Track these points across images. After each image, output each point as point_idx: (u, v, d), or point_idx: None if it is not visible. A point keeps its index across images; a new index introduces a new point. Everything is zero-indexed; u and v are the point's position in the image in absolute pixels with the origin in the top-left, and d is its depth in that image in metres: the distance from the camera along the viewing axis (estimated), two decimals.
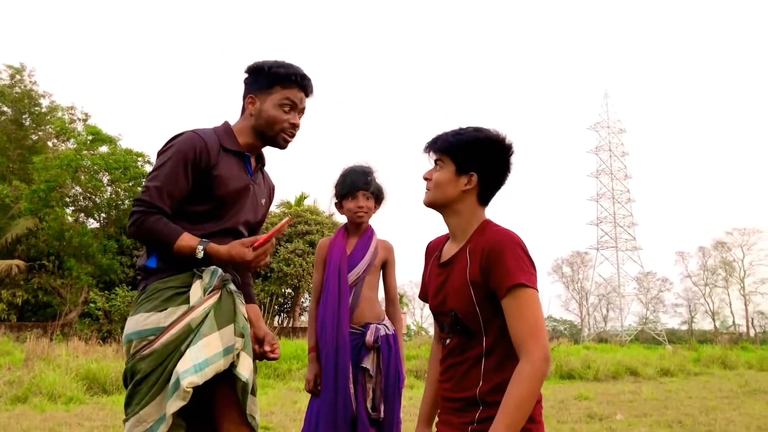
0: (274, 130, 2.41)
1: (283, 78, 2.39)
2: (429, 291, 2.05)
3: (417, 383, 10.98)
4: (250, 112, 2.42)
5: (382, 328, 3.03)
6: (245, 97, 2.45)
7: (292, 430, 5.98)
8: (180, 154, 2.24)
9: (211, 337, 2.14)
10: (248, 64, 2.47)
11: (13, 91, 27.32)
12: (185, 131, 2.33)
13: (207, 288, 2.22)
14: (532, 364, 1.68)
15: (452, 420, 1.89)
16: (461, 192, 1.92)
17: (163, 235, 2.18)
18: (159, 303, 2.18)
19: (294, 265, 24.23)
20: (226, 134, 2.40)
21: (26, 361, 10.08)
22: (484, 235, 1.87)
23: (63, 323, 20.53)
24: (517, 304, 1.74)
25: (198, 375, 2.06)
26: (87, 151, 23.78)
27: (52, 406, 7.54)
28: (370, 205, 3.14)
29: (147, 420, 2.10)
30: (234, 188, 2.35)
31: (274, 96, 2.39)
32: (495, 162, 1.93)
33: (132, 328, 2.19)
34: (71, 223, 23.44)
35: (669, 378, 13.48)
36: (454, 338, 1.91)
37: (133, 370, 2.15)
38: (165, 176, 2.23)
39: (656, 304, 61.24)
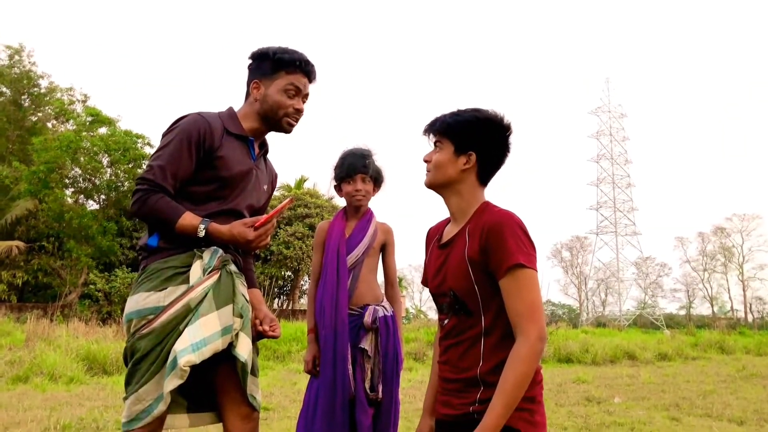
0: (279, 115, 2.43)
1: (288, 63, 2.41)
2: (429, 273, 2.06)
3: (416, 366, 11.04)
4: (255, 98, 2.43)
5: (380, 309, 3.04)
6: (250, 83, 2.46)
7: (292, 411, 6.02)
8: (184, 135, 2.26)
9: (210, 317, 2.16)
10: (253, 50, 2.47)
11: (12, 72, 27.23)
12: (190, 113, 2.34)
13: (207, 268, 2.23)
14: (528, 343, 1.71)
15: (452, 401, 1.89)
16: (460, 171, 1.94)
17: (166, 213, 2.19)
18: (159, 282, 2.19)
19: (293, 248, 24.26)
20: (230, 118, 2.42)
21: (27, 341, 10.13)
22: (484, 215, 1.88)
23: (63, 304, 20.60)
24: (515, 283, 1.75)
25: (195, 354, 2.08)
26: (86, 132, 23.72)
27: (53, 386, 7.59)
28: (369, 188, 3.13)
29: (146, 398, 2.12)
30: (237, 171, 2.36)
31: (279, 81, 2.41)
32: (493, 141, 1.94)
33: (132, 308, 2.20)
34: (71, 205, 23.43)
35: (667, 362, 13.56)
36: (452, 318, 1.92)
37: (133, 349, 2.17)
38: (169, 156, 2.24)
39: (655, 289, 61.36)
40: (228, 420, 2.29)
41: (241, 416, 2.29)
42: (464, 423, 1.84)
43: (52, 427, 5.07)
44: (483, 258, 1.81)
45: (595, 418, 6.16)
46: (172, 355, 2.08)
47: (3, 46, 27.48)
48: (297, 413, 3.75)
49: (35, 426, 5.11)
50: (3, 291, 22.18)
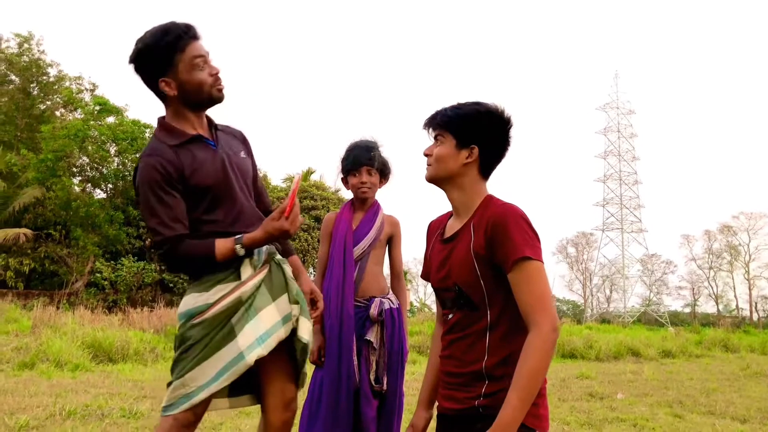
0: (205, 91, 2.30)
1: (176, 42, 2.24)
2: (431, 267, 2.05)
3: (419, 358, 11.06)
4: (173, 94, 2.28)
5: (386, 301, 3.05)
6: (155, 86, 2.30)
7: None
8: (153, 184, 2.20)
9: (268, 309, 2.25)
10: (130, 56, 2.29)
11: (21, 60, 27.28)
12: (138, 163, 2.28)
13: (256, 264, 2.30)
14: (541, 334, 1.70)
15: (456, 395, 1.89)
16: (462, 165, 1.93)
17: (200, 255, 2.21)
18: (209, 285, 2.25)
19: (299, 240, 24.30)
20: (167, 133, 2.31)
21: (33, 328, 10.20)
22: (489, 209, 1.88)
23: (69, 292, 20.70)
24: (523, 276, 1.75)
25: (262, 347, 2.19)
26: (94, 121, 23.76)
27: (59, 372, 7.64)
28: (374, 180, 3.14)
29: (190, 384, 2.17)
30: (212, 171, 2.30)
31: (181, 65, 2.25)
32: (495, 135, 1.93)
33: (182, 308, 2.28)
34: (78, 193, 23.50)
35: (670, 359, 13.55)
36: (456, 313, 1.92)
37: (183, 338, 2.23)
38: (157, 210, 2.21)
39: (660, 286, 61.16)
40: (269, 407, 2.36)
41: (283, 403, 2.36)
42: (468, 417, 1.84)
43: (58, 414, 5.11)
44: (489, 252, 1.81)
45: (597, 414, 6.17)
46: (235, 352, 2.16)
47: (12, 34, 27.57)
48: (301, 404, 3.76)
49: (41, 412, 5.14)
50: (10, 278, 22.28)
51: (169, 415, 2.17)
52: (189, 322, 2.22)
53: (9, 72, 27.58)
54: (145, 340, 10.14)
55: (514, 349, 1.77)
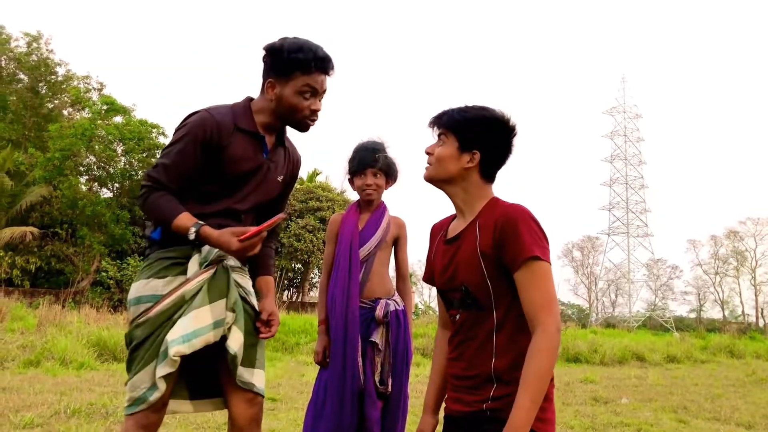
0: (296, 117, 2.36)
1: (303, 64, 2.29)
2: (436, 269, 2.04)
3: (424, 361, 11.05)
4: (270, 97, 2.35)
5: (392, 303, 3.05)
6: (265, 78, 2.38)
7: (299, 402, 6.05)
8: (191, 134, 2.24)
9: (202, 310, 2.20)
10: (267, 43, 2.36)
11: (30, 59, 27.41)
12: (200, 110, 2.30)
13: (203, 262, 2.26)
14: (547, 336, 1.69)
15: (464, 398, 1.88)
16: (463, 169, 1.91)
17: (164, 212, 2.22)
18: (158, 270, 2.25)
19: (304, 241, 24.33)
20: (243, 113, 2.36)
21: (39, 326, 10.22)
22: (496, 209, 1.87)
23: (75, 291, 20.77)
24: (530, 276, 1.74)
25: (186, 345, 2.13)
26: (101, 120, 23.87)
27: (64, 370, 7.66)
28: (380, 182, 3.13)
29: (140, 386, 2.17)
30: (245, 168, 2.34)
31: (295, 82, 2.30)
32: (498, 141, 1.92)
33: (132, 294, 2.27)
34: (85, 192, 23.59)
35: (675, 364, 13.50)
36: (463, 314, 1.91)
37: (131, 337, 2.23)
38: (175, 154, 2.25)
39: (665, 291, 61.00)
40: (233, 404, 2.32)
41: (245, 399, 2.32)
42: (476, 419, 1.83)
43: (63, 411, 5.12)
44: (496, 252, 1.80)
45: (601, 418, 6.16)
46: (164, 345, 2.14)
47: (22, 33, 27.69)
48: (305, 404, 3.77)
49: (46, 409, 5.16)
50: (16, 276, 22.37)
51: (129, 415, 2.17)
52: (134, 322, 2.21)
53: (18, 71, 27.71)
54: None
55: (521, 350, 1.76)
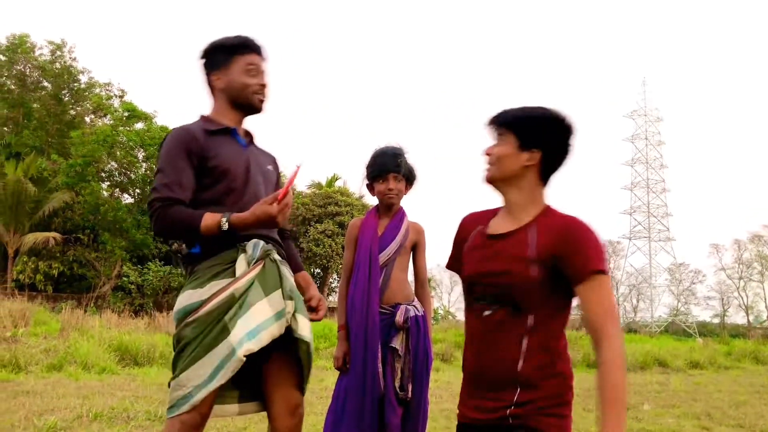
0: (248, 95, 2.46)
1: (239, 47, 2.47)
2: (469, 261, 1.98)
3: (443, 366, 11.03)
4: (220, 89, 2.48)
5: (411, 308, 3.04)
6: (209, 79, 2.51)
7: (319, 407, 6.05)
8: (173, 148, 2.30)
9: (260, 304, 2.20)
10: (201, 49, 2.53)
11: (54, 67, 27.82)
12: (167, 133, 2.41)
13: (251, 260, 2.25)
14: (615, 348, 1.69)
15: (485, 404, 1.83)
16: (522, 167, 1.88)
17: (186, 222, 2.21)
18: (204, 280, 2.23)
19: (323, 246, 24.39)
20: (205, 121, 2.45)
21: (62, 331, 10.33)
22: (554, 218, 1.85)
23: (97, 295, 20.99)
24: (597, 289, 1.74)
25: (253, 342, 2.13)
26: (123, 127, 24.15)
27: (86, 375, 7.74)
28: (401, 187, 3.12)
29: (186, 384, 2.14)
30: (234, 162, 2.37)
31: (235, 66, 2.46)
32: (558, 141, 1.90)
33: (177, 306, 2.27)
34: (106, 198, 23.86)
35: (698, 370, 13.32)
36: (498, 311, 1.85)
37: (179, 338, 2.23)
38: (166, 171, 2.27)
39: (688, 296, 60.26)
40: (275, 415, 2.32)
41: (289, 410, 2.32)
42: (496, 428, 1.80)
43: (85, 415, 5.17)
44: (554, 259, 1.78)
45: None
46: (228, 349, 2.12)
47: (46, 42, 28.13)
48: (324, 410, 3.77)
49: (68, 413, 5.22)
50: (39, 281, 22.68)
51: (174, 417, 2.15)
52: (183, 322, 2.21)
53: (42, 78, 28.14)
54: (170, 344, 10.16)
55: (550, 355, 1.76)
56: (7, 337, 9.14)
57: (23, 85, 27.85)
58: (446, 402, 6.95)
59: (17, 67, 27.65)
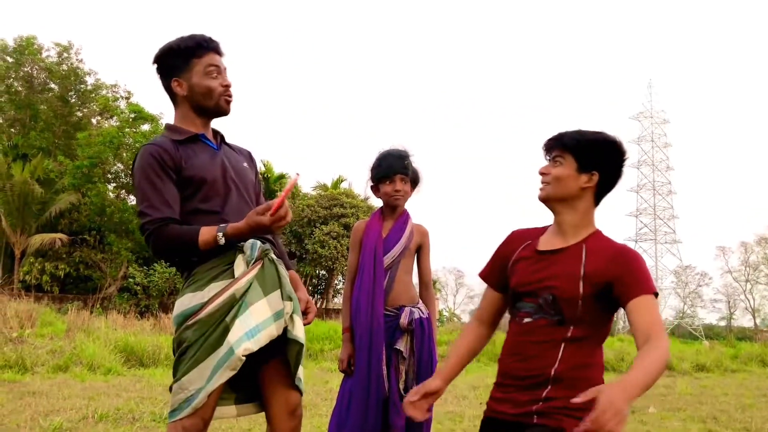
0: (213, 99, 2.39)
1: (196, 48, 2.37)
2: (518, 273, 2.04)
3: None
4: (182, 95, 2.39)
5: (416, 311, 3.04)
6: (169, 85, 2.42)
7: (323, 409, 6.05)
8: (146, 167, 2.25)
9: (259, 304, 2.19)
10: (154, 54, 2.43)
11: (61, 69, 27.93)
12: (138, 153, 2.35)
13: (249, 260, 2.25)
14: (663, 346, 1.73)
15: (516, 397, 1.92)
16: (581, 189, 1.99)
17: (182, 240, 2.19)
18: (203, 283, 2.22)
19: (328, 248, 24.39)
20: (172, 131, 2.39)
21: (67, 331, 10.37)
22: (605, 242, 1.97)
23: (103, 297, 21.06)
24: (648, 307, 1.81)
25: (252, 341, 2.12)
26: (129, 128, 24.22)
27: (92, 376, 7.76)
28: (407, 188, 3.13)
29: (188, 387, 2.14)
30: (209, 167, 2.34)
31: (196, 68, 2.37)
32: (615, 164, 2.01)
33: (177, 310, 2.25)
34: (113, 199, 23.95)
35: (705, 373, 13.27)
36: (540, 320, 1.94)
37: (180, 340, 2.22)
38: (148, 192, 2.23)
39: (694, 298, 59.99)
40: (274, 416, 2.32)
41: (288, 410, 2.32)
42: (521, 424, 1.87)
43: (90, 416, 5.19)
44: (606, 279, 1.87)
45: (628, 428, 6.06)
46: (227, 347, 2.11)
47: (53, 44, 28.24)
48: (329, 411, 3.77)
49: (74, 414, 5.24)
50: (46, 282, 22.76)
51: (176, 421, 2.15)
52: (184, 324, 2.20)
53: (49, 80, 28.25)
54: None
55: (586, 358, 1.86)
56: (13, 337, 9.17)
57: (30, 87, 27.96)
58: (450, 404, 6.94)
59: (24, 69, 27.76)
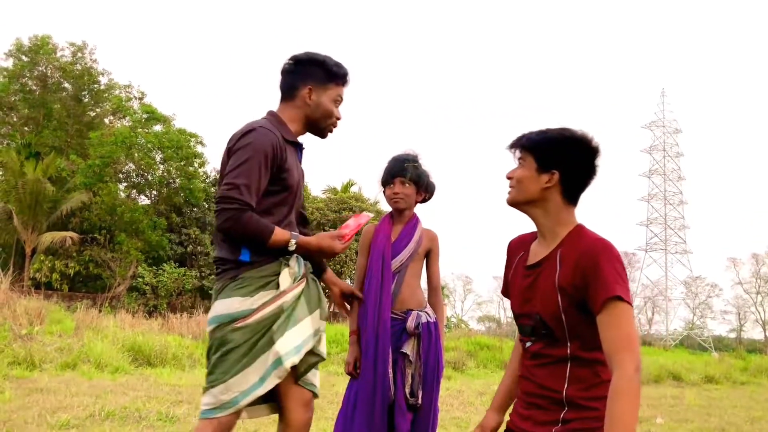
0: (326, 123, 2.59)
1: (340, 77, 2.59)
2: (512, 292, 2.02)
3: (455, 375, 10.98)
4: (306, 102, 2.54)
5: (423, 315, 3.04)
6: (298, 85, 2.55)
7: (329, 412, 6.04)
8: (261, 153, 2.34)
9: (306, 321, 2.38)
10: (304, 53, 2.59)
11: (74, 68, 28.11)
12: (257, 127, 2.40)
13: (296, 276, 2.41)
14: (626, 376, 1.63)
15: (536, 416, 1.86)
16: (542, 190, 1.89)
17: (258, 231, 2.30)
18: (252, 290, 2.33)
19: None
20: (282, 126, 2.51)
21: (76, 329, 10.41)
22: (580, 241, 1.83)
23: (111, 295, 21.15)
24: (612, 315, 1.69)
25: (297, 356, 2.31)
26: (141, 129, 24.37)
27: (99, 374, 7.79)
28: (408, 191, 3.11)
29: (233, 389, 2.25)
30: (297, 179, 2.51)
31: (330, 92, 2.57)
32: (578, 162, 1.89)
33: (223, 311, 2.32)
34: (123, 199, 24.07)
35: (713, 385, 13.15)
36: (537, 342, 1.88)
37: (223, 340, 2.29)
38: (249, 173, 2.31)
39: (704, 309, 59.64)
40: (290, 409, 2.45)
41: (303, 403, 2.47)
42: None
43: (97, 414, 5.21)
44: (575, 287, 1.76)
45: None
46: (275, 357, 2.27)
47: (67, 43, 28.44)
48: (335, 414, 3.77)
49: (81, 411, 5.25)
50: (56, 280, 22.89)
51: (213, 418, 2.25)
52: (230, 326, 2.28)
53: (63, 80, 28.45)
54: (183, 345, 10.29)
55: (598, 377, 1.77)
56: (22, 334, 9.21)
57: (44, 86, 28.17)
58: (457, 410, 6.92)
59: (39, 68, 27.96)
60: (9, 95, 27.73)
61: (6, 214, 23.53)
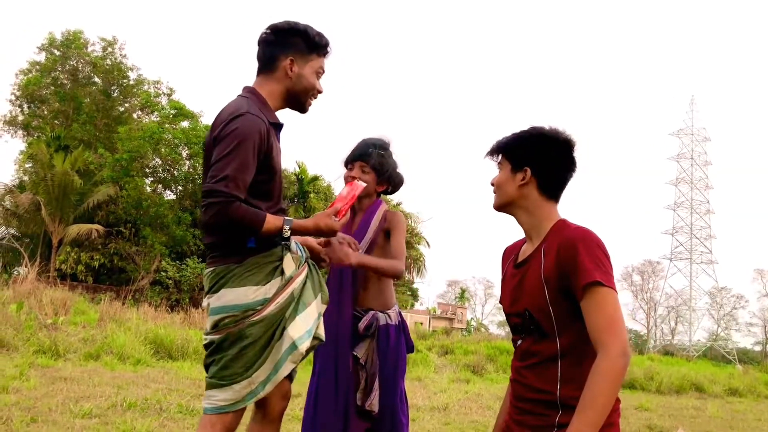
0: (307, 96, 2.45)
1: (322, 47, 2.44)
2: (503, 294, 2.03)
3: (473, 378, 10.94)
4: (287, 74, 2.39)
5: (383, 317, 2.84)
6: (279, 56, 2.38)
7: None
8: (250, 140, 2.19)
9: (312, 305, 2.35)
10: (284, 22, 2.42)
11: (105, 63, 28.48)
12: (243, 113, 2.23)
13: (300, 261, 2.38)
14: (609, 358, 1.63)
15: (528, 421, 1.83)
16: (518, 188, 1.92)
17: (248, 221, 2.17)
18: (263, 277, 2.27)
19: None
20: (264, 107, 2.35)
21: (100, 321, 10.55)
22: (562, 233, 1.84)
23: (135, 289, 21.32)
24: (594, 301, 1.69)
25: (309, 339, 2.28)
26: (169, 124, 24.59)
27: (121, 365, 7.88)
28: (367, 178, 2.86)
29: (255, 382, 2.23)
30: (279, 161, 2.39)
31: (313, 63, 2.42)
32: (549, 156, 1.91)
33: (237, 300, 2.23)
34: (149, 193, 24.29)
35: (737, 398, 12.95)
36: (526, 339, 1.88)
37: (241, 335, 2.22)
38: (237, 163, 2.17)
39: (729, 321, 58.79)
40: (270, 398, 2.39)
41: (281, 393, 2.43)
42: None
43: (119, 404, 5.27)
44: (559, 278, 1.76)
45: None
46: (288, 342, 2.24)
47: (98, 39, 28.84)
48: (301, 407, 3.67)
49: (103, 401, 5.32)
50: (81, 272, 23.19)
51: (220, 414, 2.23)
52: (247, 320, 2.21)
53: (93, 74, 28.84)
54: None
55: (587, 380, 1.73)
56: (48, 324, 9.36)
57: (75, 80, 28.57)
58: (475, 414, 6.89)
59: (70, 63, 28.38)
60: (41, 88, 28.18)
61: (34, 206, 23.85)
